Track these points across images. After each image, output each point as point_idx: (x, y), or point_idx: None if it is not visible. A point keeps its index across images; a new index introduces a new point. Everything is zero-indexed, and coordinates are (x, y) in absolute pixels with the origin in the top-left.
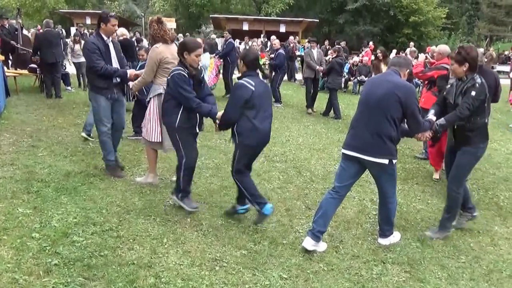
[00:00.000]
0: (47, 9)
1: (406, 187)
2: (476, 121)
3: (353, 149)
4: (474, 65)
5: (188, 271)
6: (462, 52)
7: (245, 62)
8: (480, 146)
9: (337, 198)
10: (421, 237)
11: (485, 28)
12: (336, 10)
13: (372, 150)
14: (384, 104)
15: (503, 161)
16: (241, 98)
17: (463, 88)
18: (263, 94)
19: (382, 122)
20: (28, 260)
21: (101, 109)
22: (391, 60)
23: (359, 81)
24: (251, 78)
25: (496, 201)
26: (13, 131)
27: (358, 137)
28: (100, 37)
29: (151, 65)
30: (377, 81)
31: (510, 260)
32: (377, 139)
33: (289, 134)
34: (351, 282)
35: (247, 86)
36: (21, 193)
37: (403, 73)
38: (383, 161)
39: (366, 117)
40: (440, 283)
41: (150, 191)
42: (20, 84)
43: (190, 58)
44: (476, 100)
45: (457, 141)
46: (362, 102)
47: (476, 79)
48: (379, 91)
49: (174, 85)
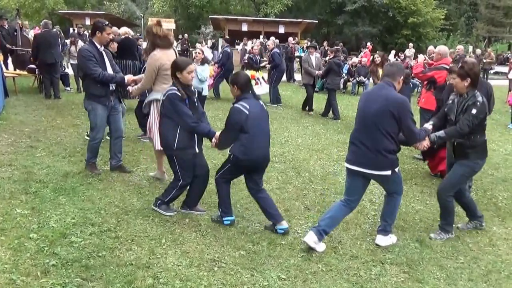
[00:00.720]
0: (46, 10)
1: (405, 187)
2: (476, 139)
3: (355, 164)
4: (476, 80)
5: (186, 272)
6: (465, 66)
7: (238, 86)
8: (478, 163)
9: (348, 208)
10: (419, 237)
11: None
12: (335, 11)
13: (374, 164)
14: (379, 121)
15: (502, 161)
16: (237, 123)
17: (464, 105)
18: (258, 115)
19: (379, 138)
20: (25, 261)
21: (98, 117)
22: (384, 69)
23: (358, 82)
24: (246, 101)
25: (495, 201)
26: (11, 132)
27: (358, 153)
28: (93, 45)
29: (150, 72)
30: (371, 96)
31: (508, 261)
32: (377, 154)
33: (288, 134)
34: (349, 283)
35: (241, 111)
36: (19, 194)
37: (397, 81)
38: (385, 173)
39: (364, 134)
40: (439, 284)
41: (148, 191)
42: (19, 85)
43: (183, 76)
44: (476, 119)
45: (457, 157)
46: (358, 119)
47: (477, 97)
48: (373, 108)
49: (171, 105)
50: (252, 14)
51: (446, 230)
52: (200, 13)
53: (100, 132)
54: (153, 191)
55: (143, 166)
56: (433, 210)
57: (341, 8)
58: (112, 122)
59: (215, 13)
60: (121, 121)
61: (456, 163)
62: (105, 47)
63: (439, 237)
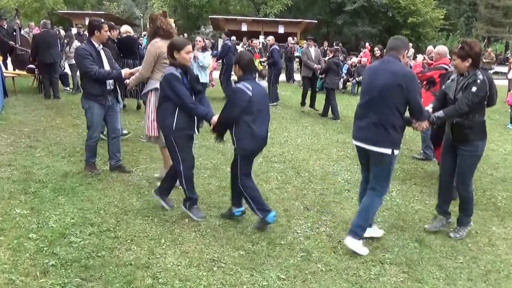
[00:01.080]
0: (46, 10)
1: (404, 187)
2: (474, 119)
3: (358, 139)
4: (477, 60)
5: (186, 272)
6: (465, 47)
7: (240, 65)
8: (478, 145)
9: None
10: (419, 237)
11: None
12: (334, 11)
13: (374, 139)
14: (386, 94)
15: (501, 161)
16: (239, 103)
17: (464, 83)
18: (261, 97)
19: (385, 112)
20: (25, 261)
21: (95, 116)
22: (389, 43)
23: (357, 82)
24: (249, 82)
25: (494, 201)
26: (11, 132)
27: (362, 127)
28: (91, 44)
29: (149, 59)
30: (377, 70)
31: (507, 260)
32: (380, 129)
33: (287, 134)
34: (349, 283)
35: (244, 91)
36: (19, 194)
37: (402, 55)
38: (385, 151)
39: (369, 107)
40: (438, 283)
41: (148, 191)
42: (18, 85)
43: (181, 56)
44: (476, 96)
45: (455, 139)
46: (364, 93)
47: (478, 75)
48: (380, 81)
49: (168, 86)
50: (252, 14)
51: (465, 222)
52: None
53: (97, 131)
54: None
55: (143, 166)
56: (432, 210)
57: (340, 8)
58: (109, 122)
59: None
60: (118, 121)
61: (458, 155)
62: (104, 45)
63: (458, 235)
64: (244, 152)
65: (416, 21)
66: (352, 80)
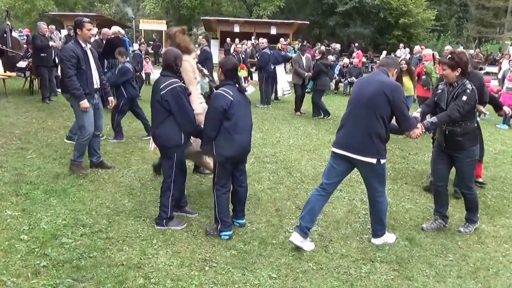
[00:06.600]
0: (36, 11)
1: (395, 186)
2: (466, 126)
3: (342, 148)
4: (466, 69)
5: (177, 272)
6: (455, 57)
7: (223, 70)
8: (474, 150)
9: (325, 195)
10: (409, 236)
11: (474, 30)
12: (326, 12)
13: (360, 149)
14: (373, 103)
15: (491, 160)
16: (220, 109)
17: (454, 93)
18: (241, 104)
19: (371, 121)
20: (16, 262)
21: (85, 114)
22: (380, 60)
23: (349, 82)
24: (229, 88)
25: (484, 200)
26: (1, 134)
27: (347, 135)
28: (78, 44)
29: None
30: (366, 81)
31: (496, 258)
32: (366, 138)
33: (279, 135)
34: (340, 281)
35: (225, 96)
36: (10, 196)
37: (391, 73)
38: (371, 160)
39: (356, 116)
40: (428, 281)
41: (140, 192)
42: (9, 87)
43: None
44: (466, 105)
45: (450, 148)
46: (351, 101)
47: (467, 85)
48: (368, 90)
49: (177, 99)
50: (244, 16)
51: (474, 220)
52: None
53: (89, 130)
54: (145, 192)
55: (134, 167)
56: (422, 208)
57: (332, 9)
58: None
59: (207, 15)
60: (101, 119)
61: (455, 161)
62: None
63: (468, 230)
64: (220, 159)
65: (408, 22)
66: (344, 81)
